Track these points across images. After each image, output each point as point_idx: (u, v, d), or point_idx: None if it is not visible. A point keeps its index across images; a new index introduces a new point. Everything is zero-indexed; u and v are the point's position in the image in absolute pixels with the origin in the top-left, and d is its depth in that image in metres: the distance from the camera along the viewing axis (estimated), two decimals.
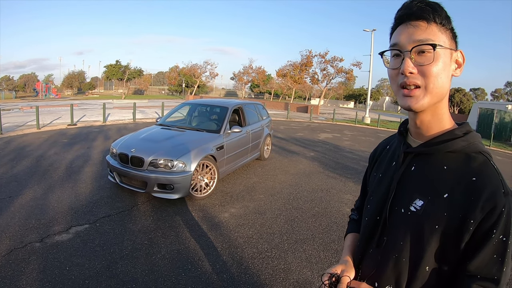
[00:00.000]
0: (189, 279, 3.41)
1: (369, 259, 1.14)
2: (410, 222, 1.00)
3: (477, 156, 0.97)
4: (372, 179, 1.26)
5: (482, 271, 0.90)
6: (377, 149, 1.35)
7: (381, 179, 1.18)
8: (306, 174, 8.12)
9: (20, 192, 5.53)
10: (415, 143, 1.09)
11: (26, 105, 25.42)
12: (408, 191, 1.04)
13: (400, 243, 1.01)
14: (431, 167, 1.01)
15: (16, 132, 11.64)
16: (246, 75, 61.91)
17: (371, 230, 1.15)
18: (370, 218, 1.16)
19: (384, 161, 1.22)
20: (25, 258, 3.59)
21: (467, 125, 1.04)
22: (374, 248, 1.12)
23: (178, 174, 5.27)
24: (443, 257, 0.95)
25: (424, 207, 0.97)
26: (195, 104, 8.31)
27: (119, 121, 16.88)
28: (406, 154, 1.09)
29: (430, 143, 1.03)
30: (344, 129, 20.74)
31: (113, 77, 64.87)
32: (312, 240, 4.52)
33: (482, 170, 0.93)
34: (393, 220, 1.06)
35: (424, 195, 0.99)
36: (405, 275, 1.01)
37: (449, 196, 0.94)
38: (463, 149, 0.98)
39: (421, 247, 0.97)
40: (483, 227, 0.88)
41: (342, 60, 43.25)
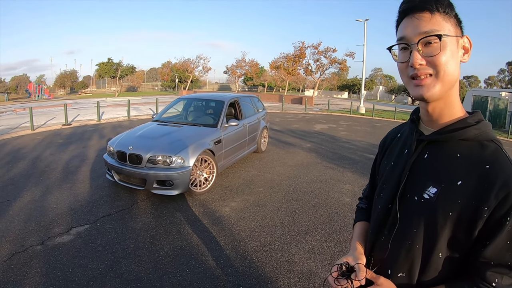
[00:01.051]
0: (194, 275, 3.40)
1: (381, 246, 1.14)
2: (424, 209, 1.00)
3: (490, 144, 0.97)
4: (383, 167, 1.25)
5: (496, 258, 0.90)
6: (387, 138, 1.34)
7: (393, 167, 1.17)
8: (304, 165, 8.12)
9: (18, 195, 5.48)
10: (427, 131, 1.08)
11: (19, 107, 25.18)
12: (421, 178, 1.04)
13: (414, 231, 1.02)
14: (444, 155, 1.01)
15: (10, 134, 11.52)
16: (239, 69, 61.61)
17: (383, 218, 1.14)
18: (382, 206, 1.16)
19: (396, 149, 1.22)
20: (27, 262, 3.56)
21: (479, 114, 1.03)
22: (386, 236, 1.11)
23: (177, 170, 5.24)
24: (456, 244, 0.95)
25: (438, 194, 0.97)
26: (191, 99, 8.26)
27: (113, 119, 16.78)
28: (419, 142, 1.08)
29: (443, 131, 1.02)
30: (339, 120, 20.76)
31: (106, 75, 64.22)
32: (314, 231, 4.52)
33: (495, 158, 0.94)
34: (405, 208, 1.06)
35: (438, 182, 0.99)
36: (418, 262, 1.02)
37: (462, 184, 0.94)
38: (475, 137, 0.98)
39: (434, 234, 0.97)
40: (496, 214, 0.89)
41: (335, 50, 43.11)
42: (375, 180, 1.37)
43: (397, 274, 1.06)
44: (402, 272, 1.05)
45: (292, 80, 55.92)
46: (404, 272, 1.05)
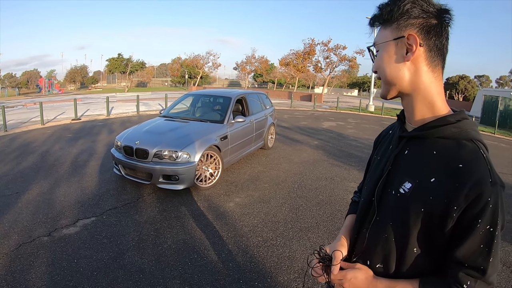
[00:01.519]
0: (196, 268, 3.45)
1: (362, 238, 1.18)
2: (398, 203, 1.03)
3: (467, 144, 0.97)
4: (373, 162, 1.30)
5: (468, 260, 0.92)
6: (381, 134, 1.38)
7: (378, 161, 1.22)
8: (310, 162, 8.13)
9: (26, 188, 5.59)
10: (410, 128, 1.11)
11: (30, 102, 25.56)
12: (399, 173, 1.07)
13: (390, 223, 1.06)
14: (422, 151, 1.04)
15: (20, 128, 11.70)
16: (249, 65, 61.58)
17: (365, 211, 1.19)
18: (365, 199, 1.20)
19: (384, 145, 1.26)
20: (34, 252, 3.65)
21: (462, 113, 1.04)
22: (367, 228, 1.15)
23: (182, 165, 5.30)
24: (429, 240, 0.98)
25: (412, 189, 1.01)
26: (198, 95, 8.32)
27: (122, 114, 16.93)
28: (401, 138, 1.12)
29: (422, 128, 1.05)
30: (348, 117, 20.67)
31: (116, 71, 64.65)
32: (316, 228, 4.55)
33: (470, 157, 0.94)
34: (384, 201, 1.10)
35: (413, 178, 1.02)
36: (393, 254, 1.06)
37: (435, 181, 0.96)
38: (454, 135, 0.99)
39: (407, 228, 1.00)
40: (468, 215, 0.90)
41: (345, 48, 42.84)
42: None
43: (375, 265, 1.11)
44: (380, 264, 1.09)
45: (301, 77, 55.81)
46: (381, 263, 1.09)
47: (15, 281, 3.13)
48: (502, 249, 4.23)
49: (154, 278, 3.25)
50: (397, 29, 1.02)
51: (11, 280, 3.14)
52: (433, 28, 0.99)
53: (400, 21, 1.01)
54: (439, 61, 1.02)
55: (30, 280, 3.15)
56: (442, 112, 1.04)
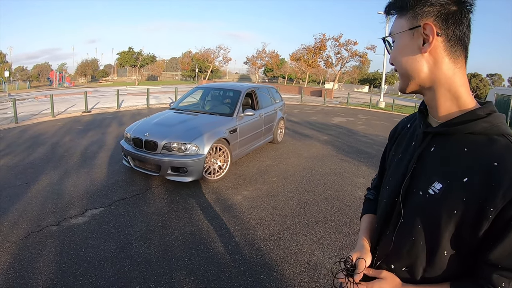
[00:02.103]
0: (202, 260, 3.46)
1: (386, 240, 1.11)
2: (428, 205, 0.96)
3: (500, 139, 0.90)
4: (391, 158, 1.23)
5: (503, 261, 0.86)
6: (397, 127, 1.31)
7: (400, 159, 1.14)
8: (319, 157, 8.09)
9: (36, 178, 5.64)
10: (435, 123, 1.04)
11: (41, 94, 25.76)
12: (426, 172, 1.00)
13: (418, 226, 0.99)
14: (451, 149, 0.96)
15: (31, 120, 11.82)
16: (259, 59, 61.45)
17: (388, 212, 1.12)
18: (388, 199, 1.13)
19: (404, 140, 1.19)
20: (42, 241, 3.68)
21: (490, 105, 0.97)
22: (391, 230, 1.09)
23: (191, 157, 5.31)
24: (462, 242, 0.92)
25: (443, 190, 0.93)
26: (208, 88, 8.31)
27: (133, 107, 17.02)
28: (426, 134, 1.04)
29: (450, 123, 0.97)
30: (358, 113, 20.54)
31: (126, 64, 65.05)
32: (324, 223, 4.52)
33: (505, 154, 0.87)
34: (410, 202, 1.03)
35: (443, 178, 0.95)
36: (422, 258, 0.99)
37: (468, 181, 0.89)
38: (484, 130, 0.92)
39: (438, 231, 0.94)
40: (504, 216, 0.83)
41: (356, 43, 42.51)
42: (384, 171, 1.32)
43: (400, 269, 1.05)
44: (406, 267, 1.04)
45: (312, 72, 55.48)
46: (407, 267, 1.03)
47: (23, 269, 3.16)
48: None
49: (160, 269, 3.26)
50: (412, 18, 0.96)
51: (19, 268, 3.18)
52: (451, 15, 0.92)
53: (416, 9, 0.95)
54: (460, 51, 0.94)
55: (38, 268, 3.19)
56: (469, 106, 0.97)
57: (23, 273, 3.10)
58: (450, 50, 0.93)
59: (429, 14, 0.93)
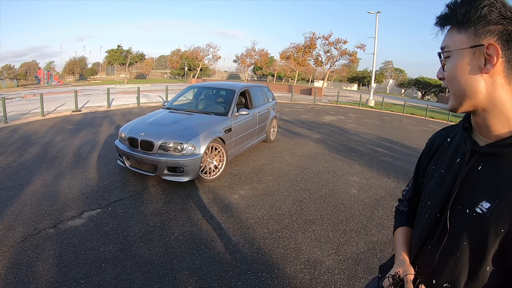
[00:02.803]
0: (204, 259, 3.47)
1: (427, 256, 1.11)
2: (475, 223, 0.96)
3: None
4: (431, 173, 1.21)
5: None
6: (434, 140, 1.30)
7: (443, 175, 1.13)
8: (312, 156, 8.15)
9: (30, 180, 5.58)
10: (482, 141, 1.04)
11: (29, 93, 25.44)
12: (473, 191, 1.00)
13: (463, 244, 0.99)
14: (500, 169, 0.96)
15: (21, 120, 11.66)
16: (249, 58, 61.34)
17: (430, 228, 1.11)
18: (430, 215, 1.13)
19: (446, 155, 1.17)
20: (40, 244, 3.64)
21: None
22: (434, 246, 1.09)
23: (187, 157, 5.30)
24: (505, 259, 0.92)
25: (492, 209, 0.93)
26: (202, 87, 8.30)
27: (123, 105, 16.90)
28: (473, 152, 1.04)
29: (500, 144, 0.97)
30: (348, 112, 20.66)
31: (115, 62, 64.66)
32: (320, 221, 4.57)
33: None
34: (456, 220, 1.03)
35: (492, 197, 0.94)
36: (465, 274, 1.00)
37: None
38: None
39: (484, 249, 0.94)
40: None
41: (346, 42, 42.80)
42: (419, 183, 1.33)
43: (442, 285, 1.05)
44: (448, 283, 1.04)
45: (301, 71, 55.68)
46: (449, 283, 1.04)
47: (22, 274, 3.12)
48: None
49: (163, 270, 3.27)
50: (474, 35, 0.93)
51: (18, 273, 3.13)
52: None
53: (478, 26, 0.92)
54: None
55: (37, 273, 3.15)
56: None
57: (23, 278, 3.06)
58: (507, 72, 0.92)
59: (492, 33, 0.91)
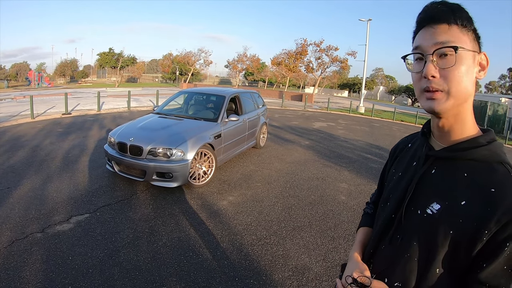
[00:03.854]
0: (191, 266, 3.48)
1: (381, 255, 1.16)
2: (426, 224, 1.00)
3: (499, 168, 0.95)
4: (391, 176, 1.26)
5: (492, 281, 0.90)
6: (398, 146, 1.34)
7: (400, 178, 1.18)
8: (302, 162, 8.20)
9: (18, 183, 5.54)
10: (437, 146, 1.08)
11: (19, 95, 25.18)
12: (426, 193, 1.04)
13: (414, 243, 1.03)
14: (452, 173, 1.01)
15: (10, 122, 11.54)
16: (240, 63, 61.41)
17: (385, 227, 1.15)
18: (386, 216, 1.16)
19: (405, 159, 1.22)
20: (27, 249, 3.62)
21: (491, 133, 1.02)
22: (387, 245, 1.13)
23: (177, 162, 5.31)
24: (454, 261, 0.95)
25: (441, 211, 0.97)
26: (192, 92, 8.30)
27: (113, 109, 16.81)
28: (428, 157, 1.08)
29: (453, 149, 1.02)
30: (338, 118, 20.82)
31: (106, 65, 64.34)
32: (309, 227, 4.61)
33: (502, 182, 0.92)
34: (408, 220, 1.06)
35: (442, 199, 0.99)
36: (414, 274, 1.03)
37: (466, 204, 0.93)
38: (485, 158, 0.97)
39: (433, 250, 0.98)
40: (496, 239, 0.88)
41: (337, 49, 43.28)
42: (383, 187, 1.36)
43: (393, 283, 1.07)
44: (399, 282, 1.06)
45: (292, 77, 55.86)
46: (400, 282, 1.06)
47: (9, 279, 3.11)
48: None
49: (150, 276, 3.27)
50: (473, 41, 0.97)
51: (5, 278, 3.12)
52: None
53: (474, 34, 0.98)
54: None
55: (24, 278, 3.14)
56: (472, 132, 1.02)
57: (10, 283, 3.05)
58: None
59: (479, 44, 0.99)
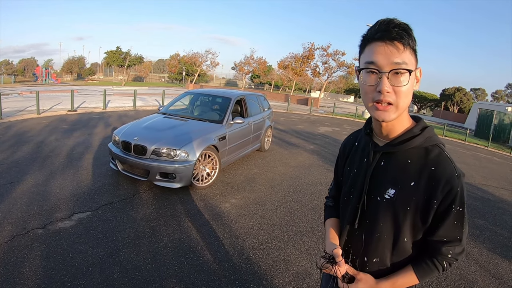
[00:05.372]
0: (192, 268, 3.45)
1: (356, 239, 1.35)
2: (386, 207, 1.23)
3: (433, 149, 1.20)
4: (347, 173, 1.46)
5: (448, 236, 1.18)
6: (346, 144, 1.56)
7: (356, 174, 1.38)
8: (306, 166, 8.16)
9: (21, 178, 5.54)
10: (381, 142, 1.30)
11: (26, 90, 25.33)
12: (381, 182, 1.26)
13: (381, 224, 1.25)
14: (398, 162, 1.23)
15: (16, 117, 11.61)
16: (247, 65, 61.40)
17: (353, 216, 1.35)
18: (352, 206, 1.36)
19: (356, 157, 1.43)
20: (28, 245, 3.61)
21: (422, 122, 1.25)
22: (359, 230, 1.33)
23: (180, 163, 5.30)
24: (416, 229, 1.21)
25: (396, 194, 1.21)
26: (198, 93, 8.29)
27: (119, 108, 16.86)
28: (375, 152, 1.29)
29: (394, 143, 1.24)
30: (343, 123, 20.76)
31: (113, 64, 64.53)
32: (311, 233, 4.57)
33: (438, 160, 1.16)
34: (371, 207, 1.28)
35: (395, 184, 1.22)
36: (387, 248, 1.26)
37: (415, 184, 1.18)
38: (421, 144, 1.20)
39: (398, 225, 1.22)
40: (444, 204, 1.14)
41: (344, 54, 43.09)
42: (339, 182, 1.58)
43: (372, 260, 1.30)
44: (377, 258, 1.29)
45: (299, 81, 55.83)
46: (378, 257, 1.29)
47: (8, 274, 3.10)
48: (492, 261, 4.40)
49: (150, 276, 3.25)
50: (415, 59, 1.15)
51: (4, 273, 3.11)
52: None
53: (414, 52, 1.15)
54: None
55: (24, 273, 3.13)
56: (407, 124, 1.25)
57: (9, 278, 3.04)
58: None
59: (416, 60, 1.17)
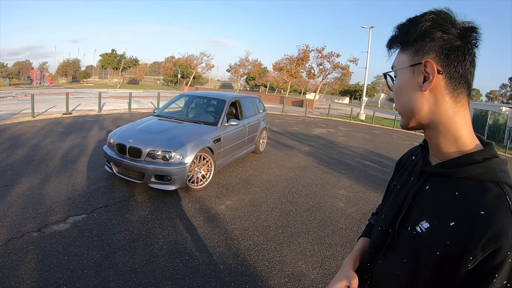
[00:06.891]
0: (187, 270, 3.47)
1: (377, 269, 1.14)
2: (414, 242, 0.96)
3: (492, 187, 0.86)
4: (392, 188, 1.23)
5: None
6: (403, 158, 1.30)
7: (398, 191, 1.14)
8: (301, 168, 8.19)
9: (16, 181, 5.53)
10: (434, 161, 1.03)
11: (21, 93, 25.21)
12: (417, 210, 1.00)
13: (403, 260, 0.99)
14: (444, 191, 0.94)
15: (10, 120, 11.56)
16: (242, 68, 61.56)
17: (382, 241, 1.12)
18: (382, 229, 1.14)
19: (405, 173, 1.18)
20: (23, 248, 3.61)
21: (490, 149, 0.93)
22: (381, 259, 1.11)
23: (175, 165, 5.31)
24: (439, 283, 0.89)
25: (429, 230, 0.92)
26: (193, 96, 8.31)
27: (114, 110, 16.84)
28: (423, 172, 1.03)
29: (445, 165, 0.96)
30: (339, 125, 20.83)
31: (108, 66, 64.38)
32: (306, 234, 4.59)
33: (492, 204, 0.83)
34: (401, 237, 1.03)
35: (431, 218, 0.93)
36: None
37: (455, 225, 0.86)
38: (478, 176, 0.89)
39: (419, 269, 0.94)
40: (484, 268, 0.81)
41: (339, 56, 43.43)
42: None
43: None
44: None
45: (294, 83, 55.98)
46: None
47: (4, 277, 3.10)
48: None
49: (145, 279, 3.26)
50: (414, 54, 0.93)
51: (0, 276, 3.12)
52: (454, 51, 0.89)
53: (417, 44, 0.92)
54: (462, 89, 0.91)
55: (19, 276, 3.13)
56: (468, 147, 0.93)
57: (4, 281, 3.04)
58: (451, 88, 0.91)
59: (430, 50, 0.90)
